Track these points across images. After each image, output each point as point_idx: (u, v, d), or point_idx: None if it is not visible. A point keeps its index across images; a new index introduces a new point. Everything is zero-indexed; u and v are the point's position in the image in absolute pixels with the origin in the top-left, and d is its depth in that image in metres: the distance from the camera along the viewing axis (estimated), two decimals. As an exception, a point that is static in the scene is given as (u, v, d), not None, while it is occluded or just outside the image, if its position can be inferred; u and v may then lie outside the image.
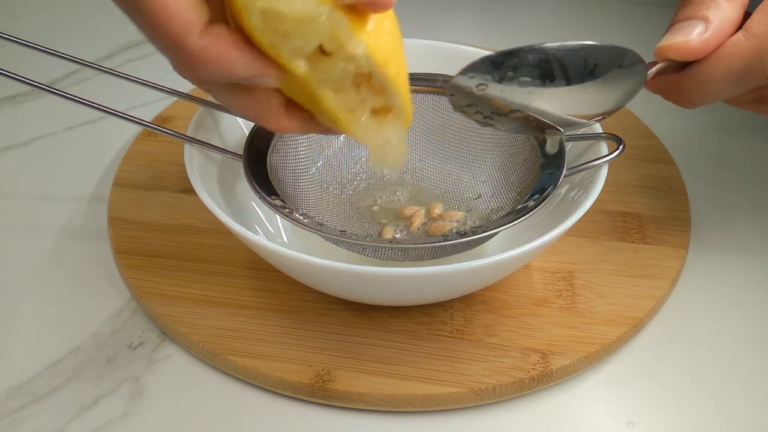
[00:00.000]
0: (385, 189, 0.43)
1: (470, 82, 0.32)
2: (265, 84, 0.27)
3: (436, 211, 0.41)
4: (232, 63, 0.25)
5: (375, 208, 0.42)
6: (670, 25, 0.34)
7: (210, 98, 0.41)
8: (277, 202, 0.35)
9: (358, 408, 0.35)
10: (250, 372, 0.35)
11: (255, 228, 0.41)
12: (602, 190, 0.35)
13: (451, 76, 0.43)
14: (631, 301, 0.39)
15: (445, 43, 0.46)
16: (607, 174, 0.37)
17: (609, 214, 0.45)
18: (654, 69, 0.34)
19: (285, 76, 0.27)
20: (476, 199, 0.42)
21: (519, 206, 0.36)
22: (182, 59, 0.25)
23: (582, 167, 0.37)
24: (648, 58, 0.34)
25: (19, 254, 0.43)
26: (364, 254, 0.37)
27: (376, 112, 0.29)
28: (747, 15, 0.33)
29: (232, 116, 0.42)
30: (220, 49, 0.24)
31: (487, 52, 0.45)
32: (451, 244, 0.34)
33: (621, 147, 0.37)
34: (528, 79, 0.32)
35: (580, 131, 0.40)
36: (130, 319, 0.39)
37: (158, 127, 0.39)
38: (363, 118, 0.28)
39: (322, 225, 0.36)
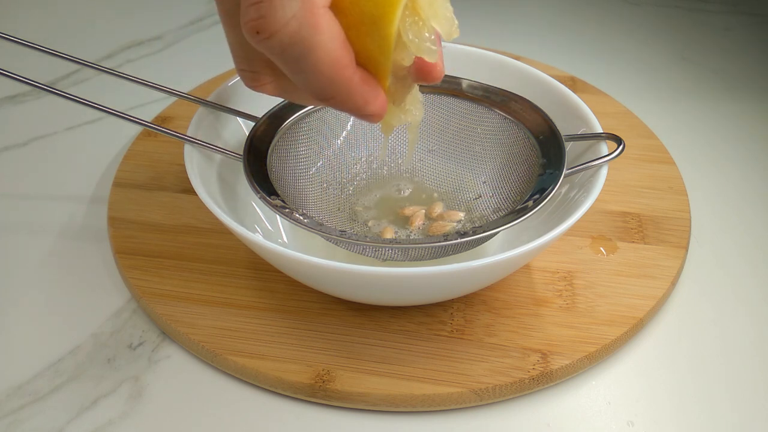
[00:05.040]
0: (385, 189, 0.43)
1: None
2: (368, 120, 0.29)
3: (436, 211, 0.41)
4: (367, 97, 0.28)
5: (375, 208, 0.42)
6: None
7: (210, 98, 0.41)
8: (277, 202, 0.35)
9: (358, 408, 0.35)
10: (250, 372, 0.35)
11: (255, 228, 0.41)
12: (602, 190, 0.35)
13: (452, 76, 0.43)
14: (631, 301, 0.39)
15: (444, 43, 0.46)
16: (607, 174, 0.37)
17: (609, 214, 0.45)
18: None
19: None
20: (476, 199, 0.42)
21: (519, 206, 0.36)
22: (338, 88, 0.27)
23: (582, 167, 0.37)
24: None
25: (19, 254, 0.43)
26: (364, 254, 0.37)
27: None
28: None
29: (232, 116, 0.42)
30: (364, 82, 0.27)
31: (485, 52, 0.46)
32: (452, 244, 0.34)
33: (621, 147, 0.37)
34: None
35: (578, 134, 0.40)
36: (130, 319, 0.39)
37: (158, 127, 0.39)
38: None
39: (322, 225, 0.36)
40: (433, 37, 0.27)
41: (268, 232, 0.42)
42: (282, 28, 0.25)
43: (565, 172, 0.37)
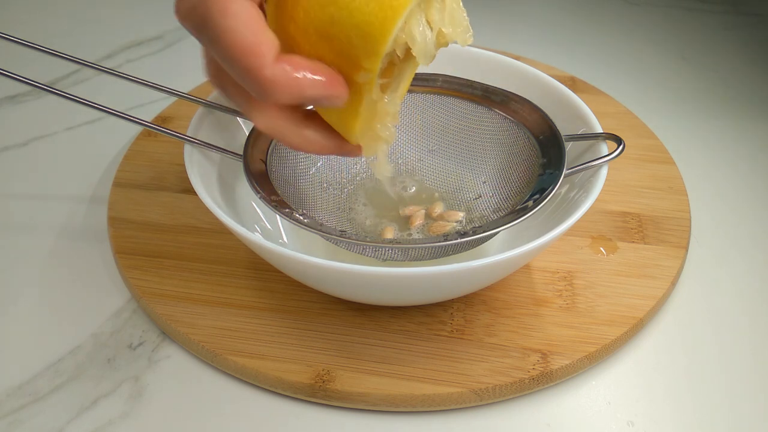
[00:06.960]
0: (385, 189, 0.43)
1: None
2: (332, 104, 0.28)
3: (436, 211, 0.41)
4: (301, 86, 0.26)
5: (375, 208, 0.42)
6: None
7: (209, 98, 0.41)
8: (277, 202, 0.35)
9: (358, 408, 0.35)
10: (250, 372, 0.35)
11: (255, 228, 0.41)
12: (602, 190, 0.35)
13: (452, 76, 0.43)
14: (631, 301, 0.39)
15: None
16: (607, 174, 0.37)
17: (609, 214, 0.45)
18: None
19: None
20: (476, 199, 0.42)
21: (519, 206, 0.36)
22: (257, 88, 0.26)
23: (582, 167, 0.37)
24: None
25: (19, 254, 0.43)
26: (364, 254, 0.37)
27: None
28: None
29: (232, 116, 0.42)
30: (289, 76, 0.26)
31: (485, 52, 0.46)
32: (452, 244, 0.34)
33: (621, 147, 0.37)
34: None
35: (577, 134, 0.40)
36: (130, 319, 0.39)
37: (158, 127, 0.39)
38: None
39: (322, 225, 0.36)
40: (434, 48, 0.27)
41: (268, 232, 0.42)
42: (192, 10, 0.26)
43: (565, 172, 0.37)
